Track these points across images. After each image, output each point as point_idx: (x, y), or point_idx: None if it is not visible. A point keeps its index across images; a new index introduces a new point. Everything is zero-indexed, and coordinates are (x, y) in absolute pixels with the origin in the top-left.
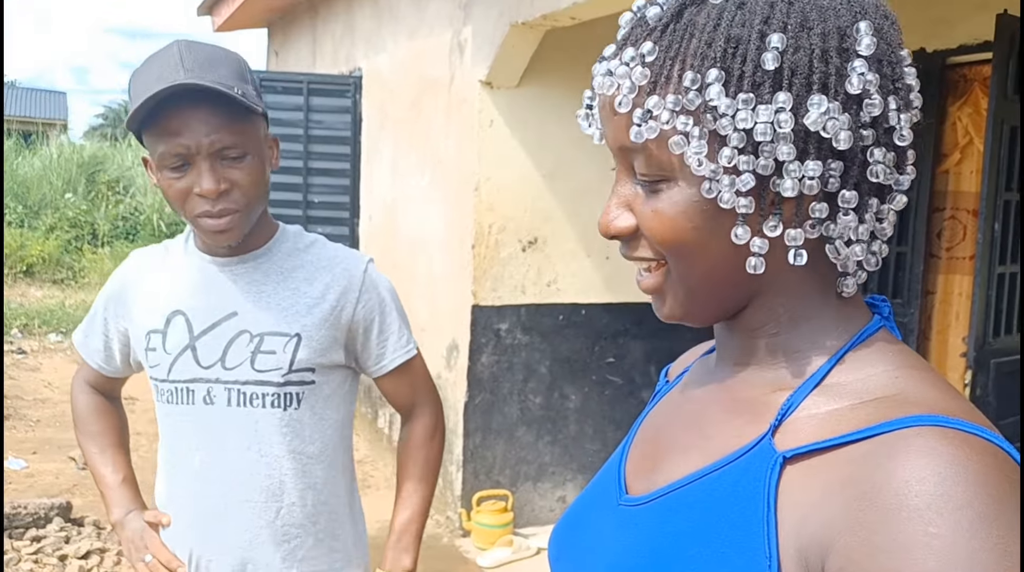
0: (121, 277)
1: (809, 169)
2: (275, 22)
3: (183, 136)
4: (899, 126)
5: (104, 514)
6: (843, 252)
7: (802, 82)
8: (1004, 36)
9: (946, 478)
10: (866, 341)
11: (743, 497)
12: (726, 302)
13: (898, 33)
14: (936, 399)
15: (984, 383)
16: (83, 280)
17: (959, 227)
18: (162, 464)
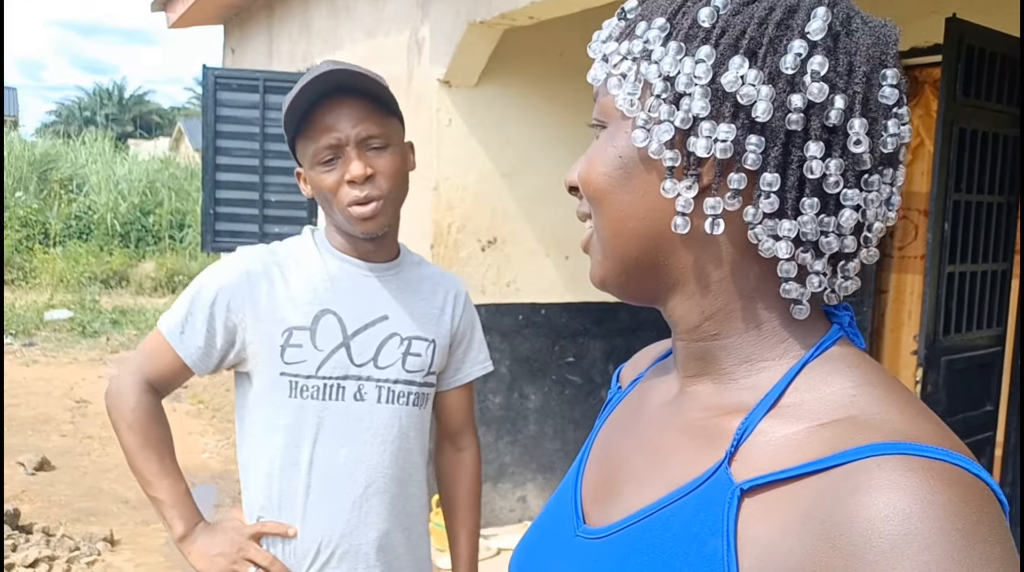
0: (242, 271)
1: (721, 131)
2: (231, 19)
3: (335, 129)
4: (852, 131)
5: (54, 520)
6: (764, 242)
7: (729, 42)
8: (953, 39)
9: (911, 516)
10: (824, 354)
11: (702, 532)
12: (642, 273)
13: (881, 46)
14: (898, 421)
15: (935, 380)
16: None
17: (911, 227)
18: (278, 461)
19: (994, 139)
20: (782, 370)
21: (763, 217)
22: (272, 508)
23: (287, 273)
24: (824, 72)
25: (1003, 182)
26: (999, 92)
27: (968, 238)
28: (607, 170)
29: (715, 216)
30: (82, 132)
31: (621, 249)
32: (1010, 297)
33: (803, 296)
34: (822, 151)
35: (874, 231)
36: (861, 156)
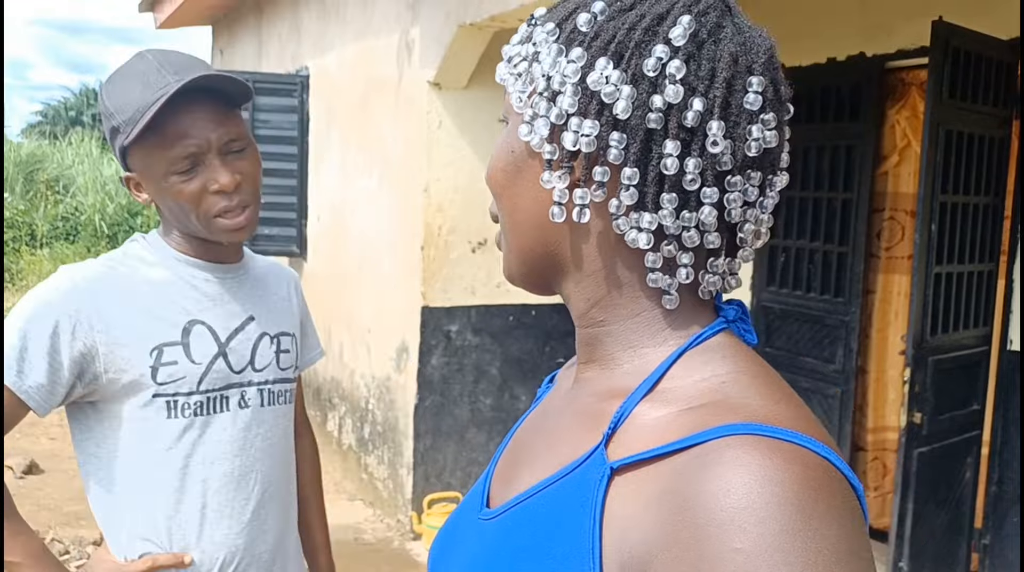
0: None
1: (586, 126)
2: (220, 20)
3: (192, 136)
4: (709, 132)
5: (43, 524)
6: (628, 233)
7: (599, 45)
8: (939, 42)
9: (751, 490)
10: (703, 343)
11: (573, 510)
12: (538, 262)
13: (749, 55)
14: (758, 406)
15: (922, 380)
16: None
17: (898, 227)
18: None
19: (980, 141)
20: (661, 357)
21: (626, 209)
22: (160, 538)
23: (136, 287)
24: (681, 76)
25: (989, 184)
26: (985, 94)
27: (955, 239)
28: (503, 164)
29: (582, 206)
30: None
31: (519, 241)
32: (996, 297)
33: (671, 287)
34: (678, 150)
35: (746, 231)
36: (720, 157)
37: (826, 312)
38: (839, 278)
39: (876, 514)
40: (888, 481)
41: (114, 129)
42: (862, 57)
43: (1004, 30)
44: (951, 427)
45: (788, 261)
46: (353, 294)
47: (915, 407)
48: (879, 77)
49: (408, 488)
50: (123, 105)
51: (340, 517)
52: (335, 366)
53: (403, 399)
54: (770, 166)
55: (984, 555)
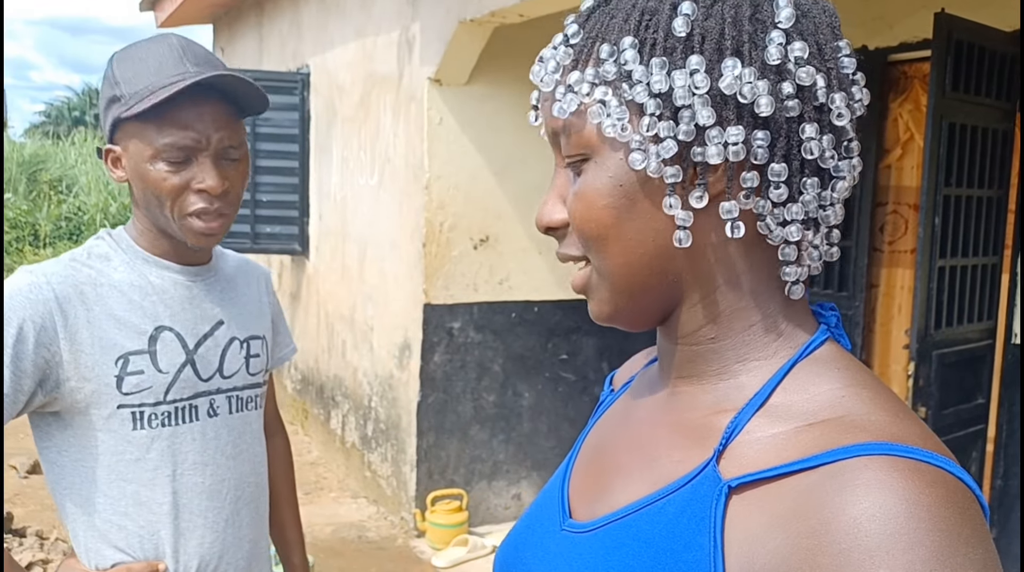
0: (48, 298)
1: (731, 135)
2: (220, 18)
3: (194, 129)
4: (834, 105)
5: (48, 524)
6: (775, 230)
7: (713, 47)
8: (942, 34)
9: (897, 515)
10: (812, 355)
11: (689, 528)
12: (652, 297)
13: (831, 21)
14: (885, 423)
15: (926, 374)
16: None
17: (901, 221)
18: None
19: (984, 133)
20: (771, 370)
21: (772, 206)
22: (133, 548)
23: (102, 291)
24: (806, 55)
25: (992, 176)
26: (988, 86)
27: (958, 232)
28: (610, 201)
29: (733, 219)
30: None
31: (631, 280)
32: (1000, 291)
33: (801, 276)
34: (817, 131)
35: (840, 190)
36: (845, 127)
37: None
38: (842, 272)
39: None
40: None
41: (115, 98)
42: (864, 50)
43: (1007, 22)
44: (955, 422)
45: None
46: (355, 292)
47: (919, 402)
48: (881, 70)
49: (411, 485)
50: (133, 77)
51: (344, 515)
52: (338, 364)
53: (406, 396)
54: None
55: None
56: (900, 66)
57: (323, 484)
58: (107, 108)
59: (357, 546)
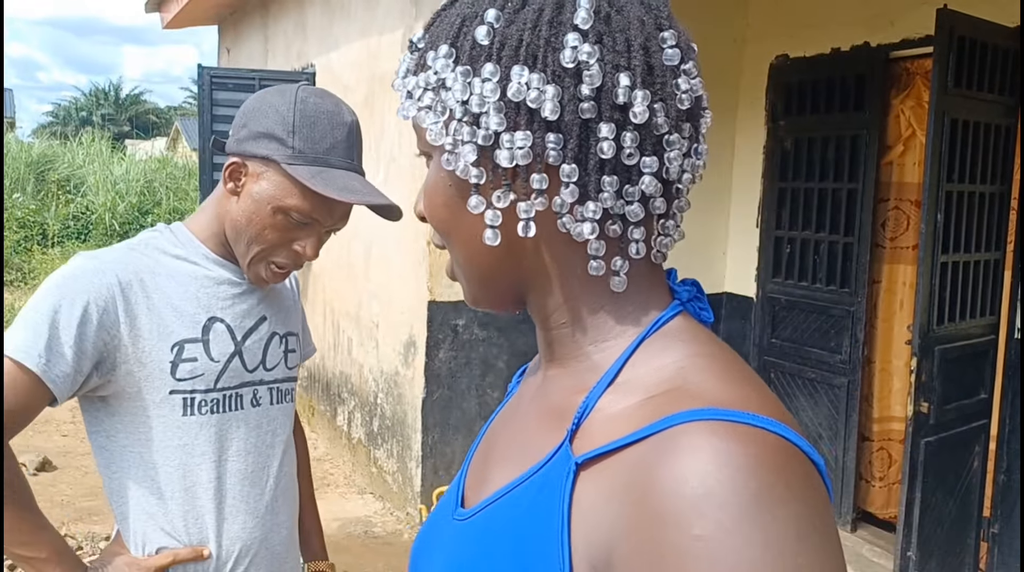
0: (112, 282)
1: (518, 139)
2: (225, 18)
3: (331, 213)
4: (634, 104)
5: (56, 520)
6: (573, 228)
7: (510, 54)
8: (944, 30)
9: (708, 475)
10: (661, 329)
11: (544, 507)
12: (503, 285)
13: (652, 13)
14: (716, 389)
15: (929, 370)
16: (33, 281)
17: (903, 217)
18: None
19: (986, 129)
20: (621, 348)
21: (569, 206)
22: (178, 532)
23: (160, 281)
24: (597, 57)
25: (995, 172)
26: (990, 82)
27: (960, 228)
28: (444, 199)
29: (527, 219)
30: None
31: (478, 271)
32: (1003, 286)
33: (622, 269)
34: (613, 131)
35: (684, 182)
36: (652, 123)
37: (832, 303)
38: (845, 269)
39: (882, 504)
40: (893, 471)
41: (281, 140)
42: (866, 47)
43: (1009, 17)
44: (958, 416)
45: (794, 252)
46: (360, 289)
47: (922, 397)
48: (883, 67)
49: (417, 481)
50: (308, 137)
51: (350, 510)
52: (344, 361)
53: (411, 393)
54: (700, 112)
55: (993, 544)
56: (902, 62)
57: (329, 480)
58: (265, 137)
59: (363, 541)
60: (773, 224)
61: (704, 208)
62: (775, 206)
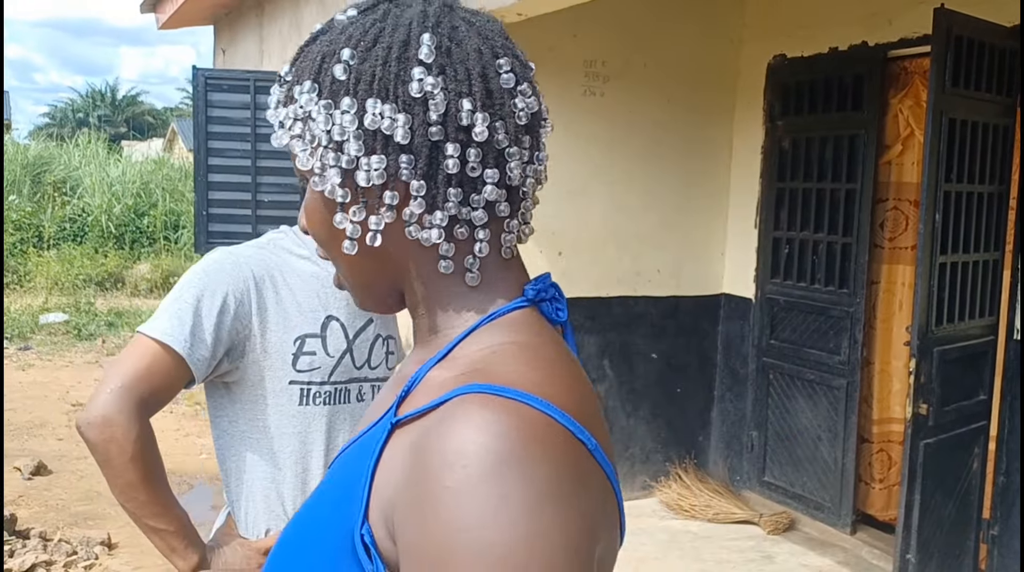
0: (248, 275)
1: (373, 162)
2: (221, 19)
3: None
4: (476, 125)
5: (51, 525)
6: (419, 235)
7: (365, 88)
8: (941, 29)
9: (467, 438)
10: (499, 319)
11: (361, 462)
12: (382, 288)
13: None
14: (507, 371)
15: (928, 371)
16: (29, 284)
17: (901, 217)
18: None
19: (984, 129)
20: (460, 332)
21: (417, 216)
22: (284, 517)
23: (287, 277)
24: (441, 87)
25: (993, 172)
26: (988, 82)
27: (959, 228)
28: (318, 216)
29: (375, 231)
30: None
31: (359, 278)
32: (1002, 287)
33: (473, 266)
34: (458, 150)
35: (528, 186)
36: (493, 139)
37: (831, 303)
38: (843, 269)
39: (882, 506)
40: (893, 473)
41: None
42: (864, 46)
43: (1006, 16)
44: (958, 418)
45: (792, 253)
46: None
47: (921, 398)
48: (882, 66)
49: None
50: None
51: None
52: None
53: None
54: (538, 124)
55: (993, 546)
56: (900, 62)
57: None
58: None
59: None
60: (771, 225)
61: (702, 209)
62: (773, 207)
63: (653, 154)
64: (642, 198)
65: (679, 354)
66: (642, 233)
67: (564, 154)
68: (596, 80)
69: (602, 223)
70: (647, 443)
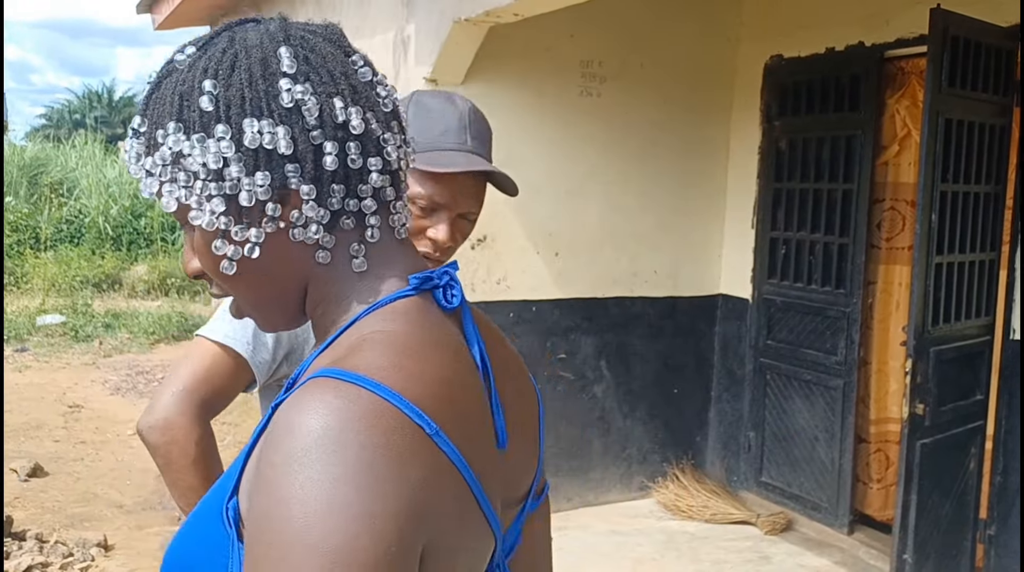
0: None
1: (258, 179)
2: (217, 19)
3: (451, 193)
4: (351, 119)
5: (47, 527)
6: (301, 237)
7: (237, 111)
8: (938, 29)
9: (292, 418)
10: (383, 308)
11: (249, 445)
12: (285, 302)
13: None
14: (362, 358)
15: (924, 371)
16: (26, 285)
17: (898, 218)
18: None
19: (980, 129)
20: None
21: (305, 219)
22: None
23: None
24: (311, 92)
25: (990, 172)
26: (985, 82)
27: (956, 228)
28: (211, 255)
29: (255, 243)
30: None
31: (262, 300)
32: (998, 287)
33: (359, 253)
34: (336, 148)
35: (403, 168)
36: (370, 130)
37: (827, 304)
38: (840, 269)
39: (880, 506)
40: (891, 473)
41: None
42: (861, 47)
43: (1003, 16)
44: (954, 418)
45: (789, 253)
46: None
47: (917, 398)
48: (878, 66)
49: None
50: (420, 128)
51: None
52: None
53: None
54: (399, 110)
55: (989, 546)
56: (897, 62)
57: None
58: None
59: None
60: (768, 225)
61: (699, 210)
62: (770, 207)
63: (650, 155)
64: (639, 199)
65: (676, 355)
66: (639, 234)
67: (561, 155)
68: (593, 81)
69: (599, 224)
70: (644, 444)
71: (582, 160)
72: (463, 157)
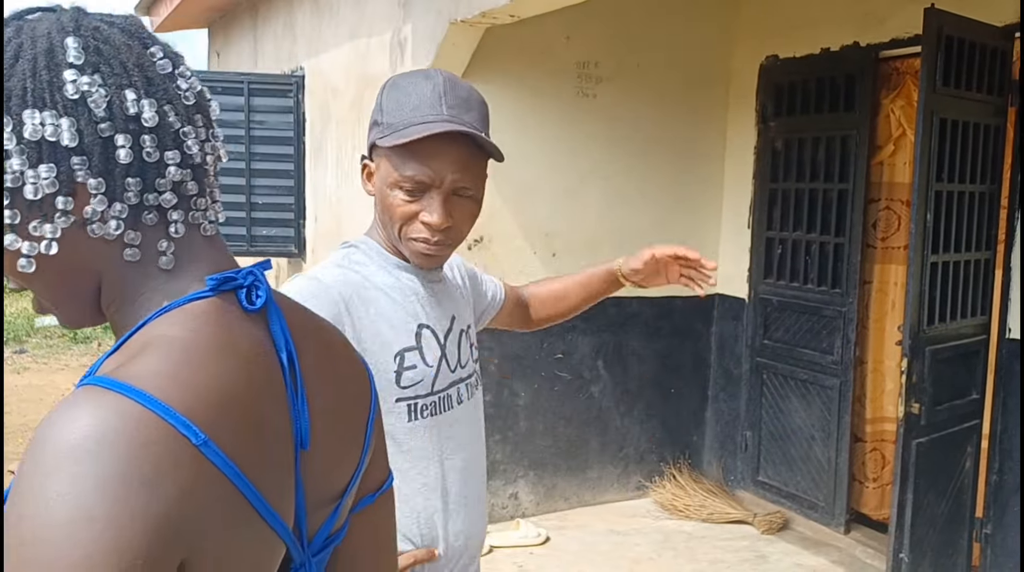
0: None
1: (42, 172)
2: (215, 22)
3: (432, 168)
4: (143, 112)
5: None
6: (100, 232)
7: (18, 102)
8: (932, 29)
9: (55, 425)
10: (171, 312)
11: None
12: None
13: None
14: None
15: (920, 370)
16: None
17: (894, 217)
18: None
19: (975, 129)
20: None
21: (100, 213)
22: (412, 535)
23: (372, 294)
24: (100, 83)
25: (985, 172)
26: (979, 82)
27: (951, 228)
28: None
29: (52, 239)
30: None
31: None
32: (994, 286)
33: (168, 249)
34: (130, 140)
35: (209, 163)
36: (166, 123)
37: (823, 303)
38: (836, 269)
39: (876, 505)
40: (887, 472)
41: (376, 122)
42: (856, 47)
43: (997, 16)
44: (950, 417)
45: (785, 253)
46: None
47: (913, 397)
48: (873, 67)
49: None
50: (394, 108)
51: None
52: None
53: None
54: (206, 103)
55: (986, 544)
56: (892, 62)
57: None
58: (370, 129)
59: None
60: (764, 225)
61: (696, 210)
62: (766, 207)
63: (647, 155)
64: (636, 199)
65: (673, 354)
66: (636, 234)
67: (558, 155)
68: (589, 81)
69: (596, 224)
70: (641, 443)
71: (579, 161)
72: (440, 125)
